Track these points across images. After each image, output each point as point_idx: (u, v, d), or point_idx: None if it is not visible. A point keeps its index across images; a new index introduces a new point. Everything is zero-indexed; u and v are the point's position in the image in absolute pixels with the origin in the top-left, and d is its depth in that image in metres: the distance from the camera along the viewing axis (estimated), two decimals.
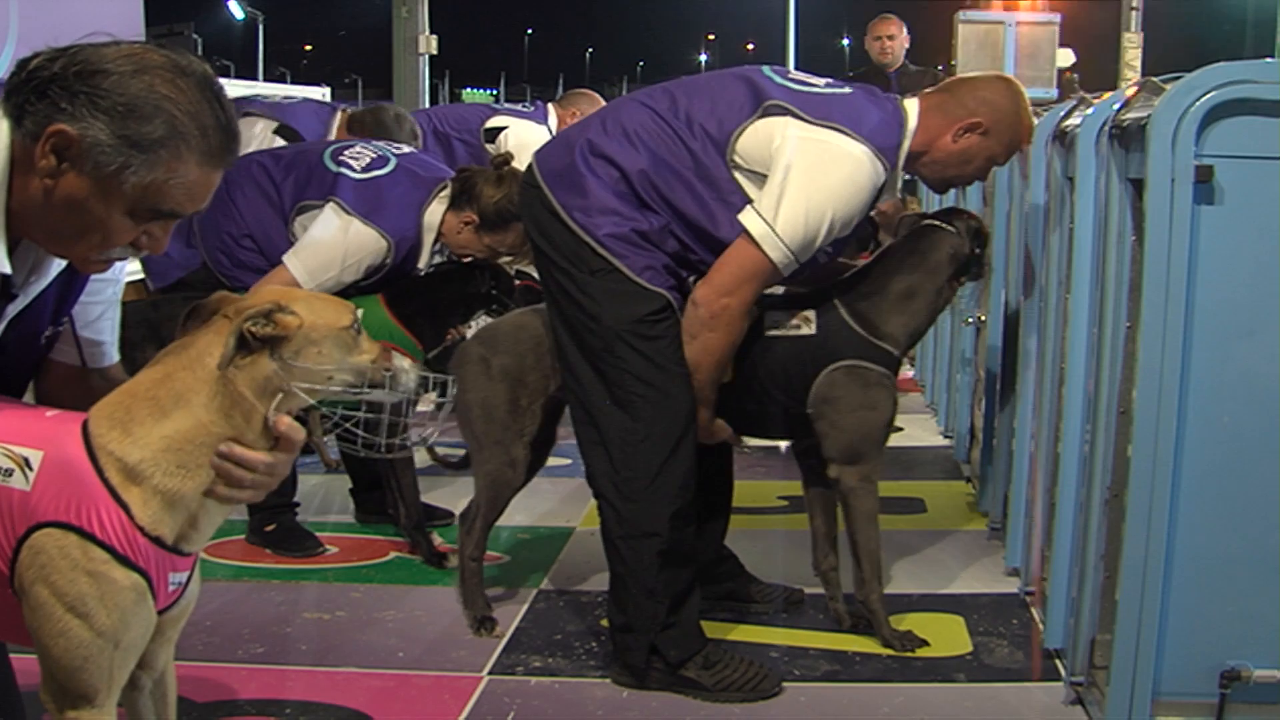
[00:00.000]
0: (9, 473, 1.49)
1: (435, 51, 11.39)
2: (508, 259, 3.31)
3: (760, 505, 3.67)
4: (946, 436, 4.39)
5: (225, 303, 1.58)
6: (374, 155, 3.17)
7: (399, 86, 11.47)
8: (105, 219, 1.43)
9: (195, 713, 2.32)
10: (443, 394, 1.69)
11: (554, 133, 4.81)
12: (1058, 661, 2.50)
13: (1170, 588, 2.10)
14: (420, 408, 2.55)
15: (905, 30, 6.23)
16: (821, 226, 2.39)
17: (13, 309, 1.55)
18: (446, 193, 3.14)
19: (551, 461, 4.27)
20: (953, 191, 3.09)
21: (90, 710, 1.54)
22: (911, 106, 2.56)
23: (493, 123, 4.78)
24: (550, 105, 5.00)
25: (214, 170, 1.47)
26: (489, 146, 4.71)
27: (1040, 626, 2.66)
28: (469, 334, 3.17)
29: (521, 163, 4.66)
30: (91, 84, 1.39)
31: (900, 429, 4.80)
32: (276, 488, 1.61)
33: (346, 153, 3.17)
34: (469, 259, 3.30)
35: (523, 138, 4.70)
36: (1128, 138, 2.18)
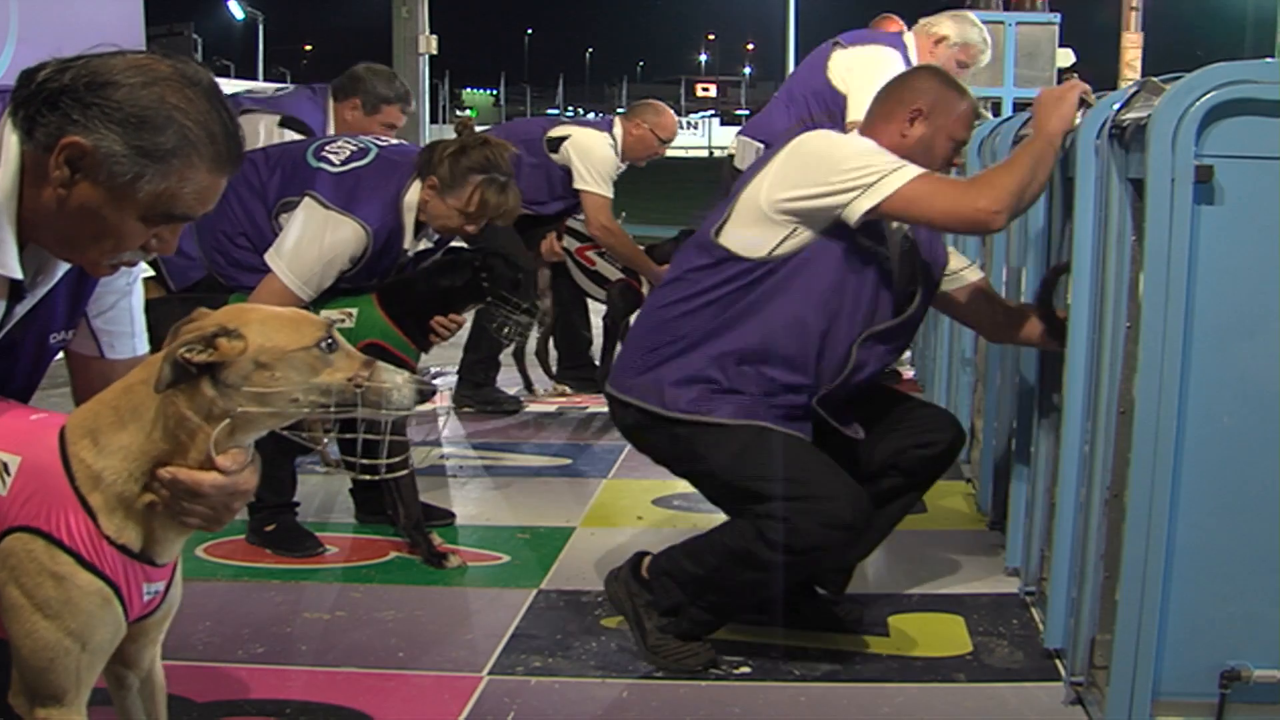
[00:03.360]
0: None
1: (435, 51, 11.40)
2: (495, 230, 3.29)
3: None
4: None
5: (197, 318, 1.56)
6: (354, 149, 3.17)
7: None
8: (118, 225, 1.47)
9: (195, 713, 2.32)
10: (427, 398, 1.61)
11: (618, 144, 4.84)
12: (1058, 661, 2.50)
13: (1170, 588, 2.10)
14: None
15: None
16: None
17: (21, 309, 1.57)
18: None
19: (551, 461, 4.31)
20: None
21: (59, 709, 1.56)
22: (855, 134, 2.66)
23: (555, 132, 4.81)
24: (616, 117, 5.02)
25: (222, 175, 1.51)
26: (552, 155, 4.73)
27: (1040, 626, 2.66)
28: (465, 324, 3.17)
29: (582, 171, 4.72)
30: (103, 95, 1.42)
31: None
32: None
33: (328, 148, 3.18)
34: (461, 248, 3.31)
35: (584, 145, 4.73)
36: (1128, 138, 2.18)
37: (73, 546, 1.51)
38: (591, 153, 4.75)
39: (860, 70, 4.37)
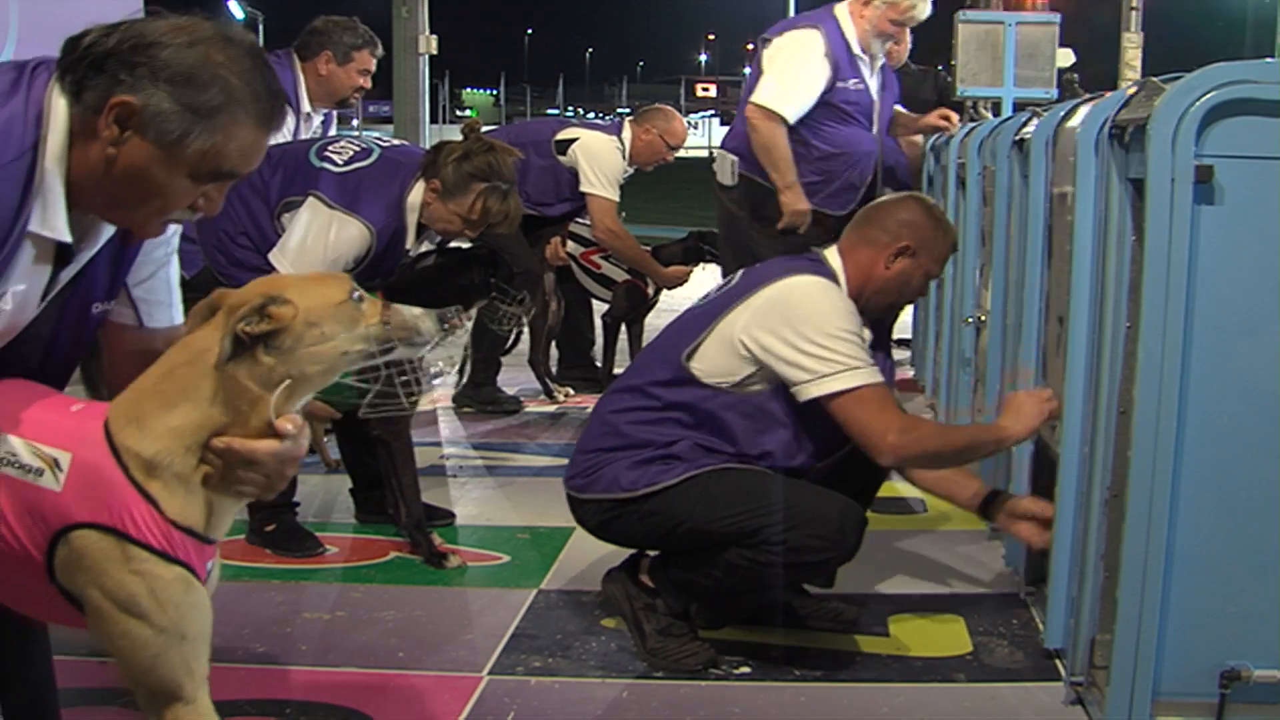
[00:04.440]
0: (39, 472, 1.52)
1: (435, 51, 11.40)
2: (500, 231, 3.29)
3: None
4: None
5: (224, 298, 1.59)
6: (358, 149, 3.17)
7: (399, 86, 11.47)
8: (167, 184, 1.49)
9: None
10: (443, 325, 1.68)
11: (626, 148, 4.84)
12: (1058, 661, 2.50)
13: (1170, 588, 2.10)
14: None
15: (908, 32, 6.24)
16: None
17: (65, 275, 1.59)
18: None
19: (551, 461, 4.30)
20: None
21: (184, 706, 1.58)
22: (833, 255, 2.68)
23: (564, 134, 4.79)
24: (626, 120, 5.00)
25: (266, 132, 1.54)
26: (560, 158, 4.72)
27: (1040, 626, 2.66)
28: (469, 324, 3.17)
29: (588, 174, 4.71)
30: (149, 55, 1.45)
31: None
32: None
33: (331, 148, 3.18)
34: (461, 246, 3.31)
35: (591, 148, 4.72)
36: (1128, 138, 2.18)
37: (142, 538, 1.51)
38: (599, 156, 4.74)
39: (777, 57, 4.31)
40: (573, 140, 4.72)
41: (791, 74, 4.26)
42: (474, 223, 3.11)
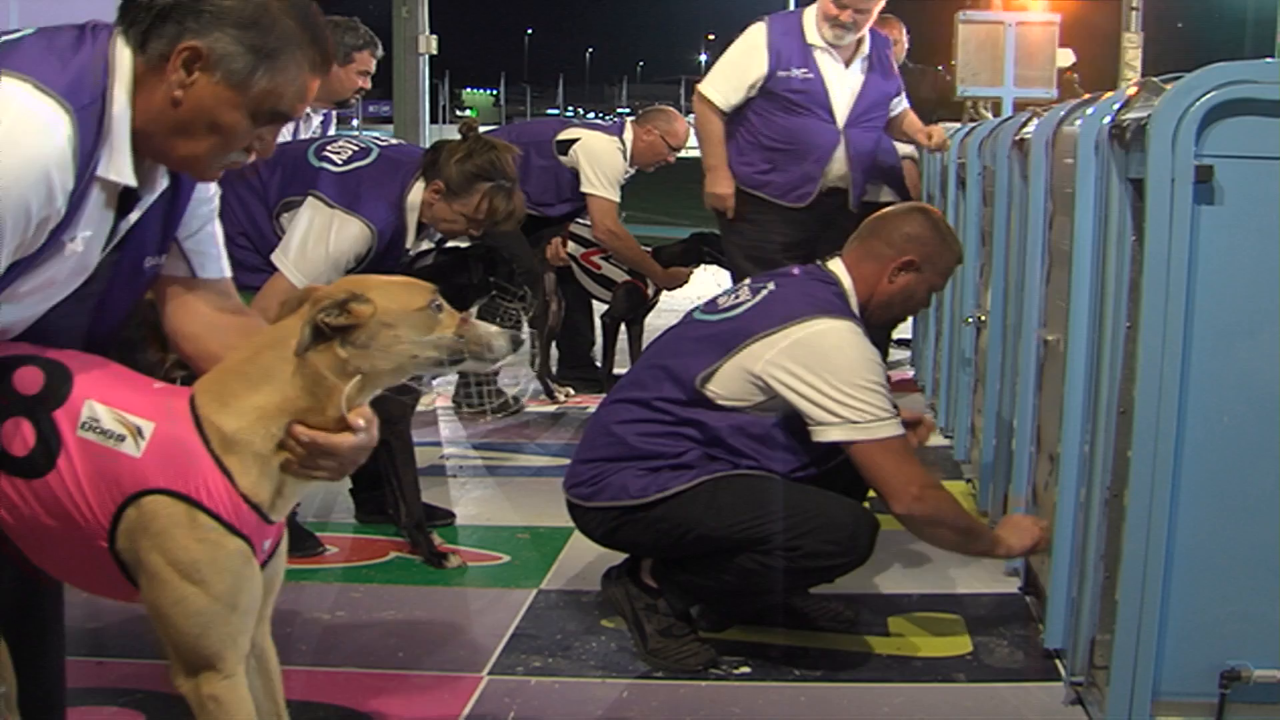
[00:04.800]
0: (120, 438, 1.59)
1: (435, 51, 11.38)
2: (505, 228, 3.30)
3: None
4: (946, 436, 4.39)
5: (313, 292, 1.68)
6: (356, 148, 3.17)
7: (399, 86, 11.46)
8: (230, 123, 1.59)
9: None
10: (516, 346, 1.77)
11: (627, 149, 4.84)
12: (1058, 661, 2.50)
13: (1170, 588, 2.10)
14: None
15: (905, 33, 6.24)
16: None
17: (125, 224, 1.66)
18: None
19: (551, 461, 4.30)
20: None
21: (219, 677, 1.63)
22: (838, 267, 2.68)
23: (566, 134, 4.80)
24: (628, 121, 5.00)
25: (317, 77, 1.64)
26: (562, 158, 4.72)
27: (1040, 626, 2.66)
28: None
29: (589, 175, 4.71)
30: (213, 4, 1.56)
31: None
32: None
33: (329, 148, 3.17)
34: (461, 245, 3.31)
35: (593, 149, 4.72)
36: (1128, 138, 2.18)
37: (213, 508, 1.59)
38: (600, 157, 4.74)
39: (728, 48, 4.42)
40: (574, 140, 4.72)
41: (727, 62, 4.33)
42: (479, 221, 3.11)
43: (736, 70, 4.28)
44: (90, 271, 1.66)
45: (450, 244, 3.42)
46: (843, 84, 4.29)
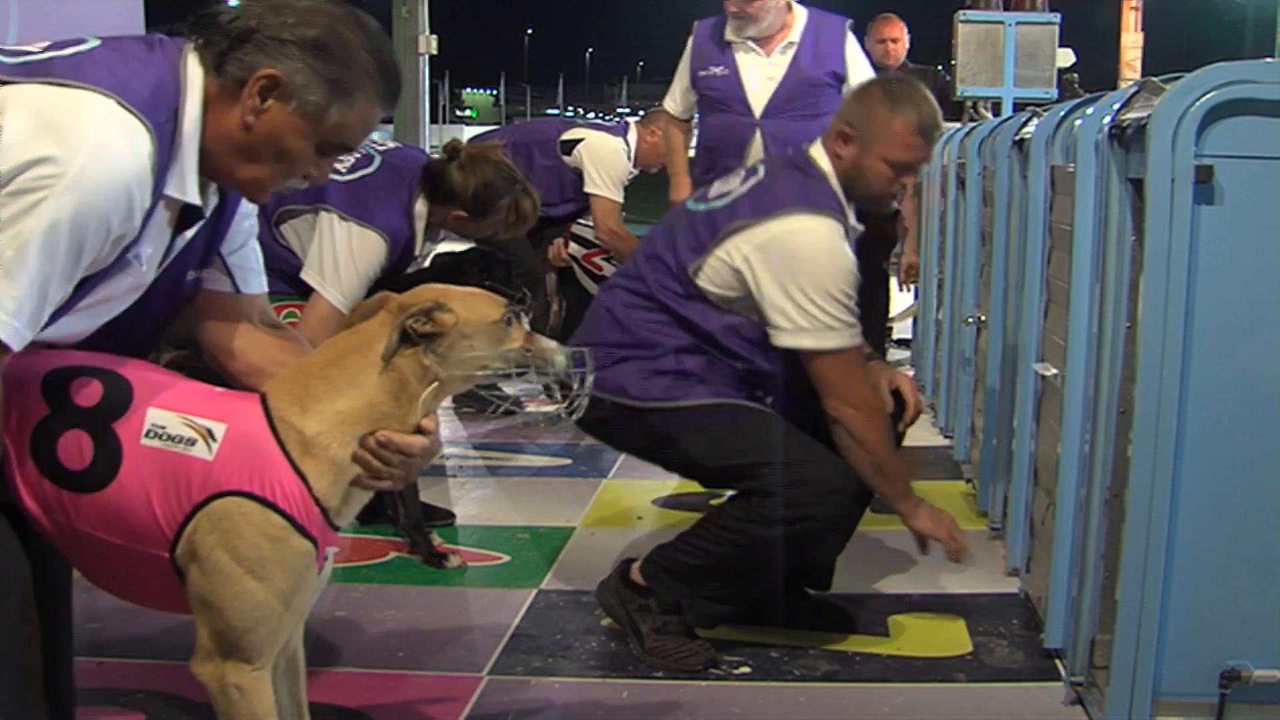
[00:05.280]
0: (191, 442, 1.60)
1: (435, 51, 11.38)
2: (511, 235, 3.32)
3: None
4: (946, 436, 4.39)
5: (388, 300, 1.73)
6: (358, 155, 3.17)
7: None
8: (297, 152, 1.61)
9: (195, 712, 2.31)
10: (582, 364, 1.81)
11: (631, 149, 4.84)
12: (1058, 661, 2.50)
13: (1170, 588, 2.10)
14: None
15: (906, 31, 6.24)
16: None
17: (180, 241, 1.67)
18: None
19: (551, 461, 4.30)
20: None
21: (250, 669, 1.65)
22: (818, 150, 2.63)
23: (569, 135, 4.80)
24: (631, 121, 5.00)
25: (386, 111, 1.68)
26: (565, 158, 4.72)
27: (1041, 626, 2.66)
28: None
29: (593, 175, 4.71)
30: (294, 32, 1.57)
31: None
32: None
33: None
34: (454, 250, 3.32)
35: (596, 149, 4.72)
36: (1128, 138, 2.18)
37: (287, 509, 1.60)
38: (604, 157, 4.74)
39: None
40: (578, 141, 4.72)
41: (678, 71, 4.34)
42: (515, 224, 3.20)
43: (679, 77, 4.29)
44: (146, 287, 1.67)
45: (443, 248, 3.43)
46: (760, 75, 4.17)
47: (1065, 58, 6.93)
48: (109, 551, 1.63)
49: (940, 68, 6.76)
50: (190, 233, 1.68)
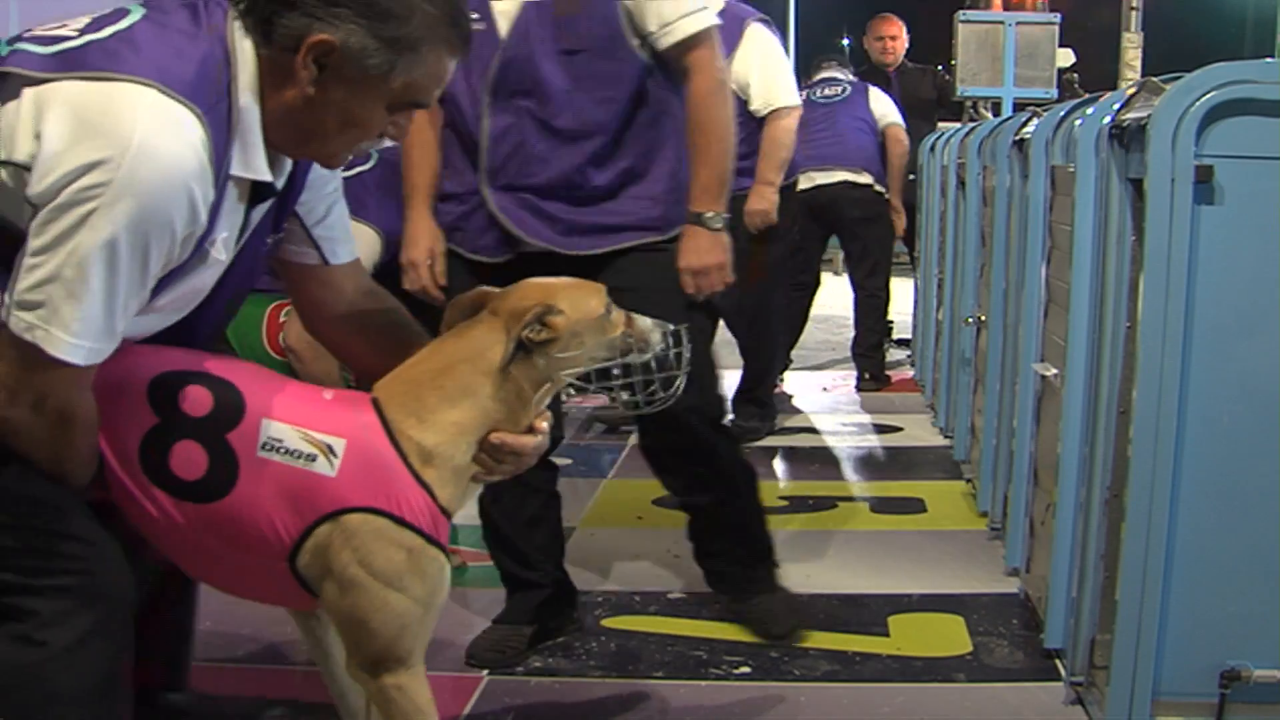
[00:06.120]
0: (311, 457, 1.58)
1: None
2: None
3: None
4: (946, 436, 4.39)
5: (486, 298, 1.71)
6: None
7: None
8: (366, 117, 1.51)
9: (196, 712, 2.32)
10: (678, 343, 1.79)
11: None
12: (1058, 661, 2.50)
13: (1170, 588, 2.10)
14: None
15: (904, 30, 6.25)
16: None
17: (256, 214, 1.61)
18: None
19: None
20: None
21: (406, 671, 1.66)
22: None
23: None
24: None
25: (459, 59, 1.56)
26: None
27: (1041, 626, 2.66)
28: None
29: None
30: None
31: (900, 429, 4.82)
32: None
33: None
34: None
35: None
36: (1128, 138, 2.18)
37: (415, 522, 1.61)
38: None
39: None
40: None
41: None
42: None
43: None
44: (225, 268, 1.61)
45: None
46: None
47: (1065, 58, 6.94)
48: (222, 557, 1.63)
49: (940, 68, 6.76)
50: (264, 207, 1.61)
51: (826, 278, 6.12)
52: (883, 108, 5.48)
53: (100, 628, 1.50)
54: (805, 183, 4.94)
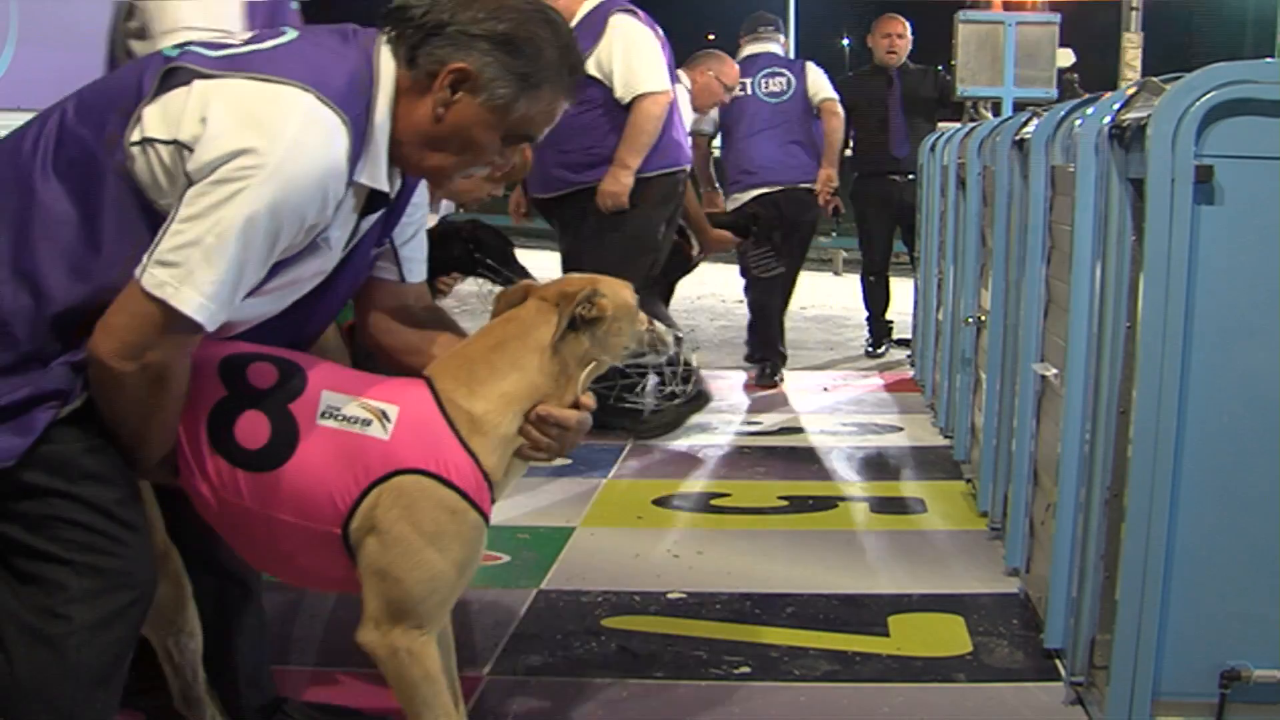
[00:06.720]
0: (366, 423, 1.69)
1: None
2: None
3: (760, 505, 3.67)
4: (946, 436, 4.39)
5: (531, 289, 1.84)
6: None
7: None
8: (483, 142, 1.68)
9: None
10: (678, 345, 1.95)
11: (690, 92, 4.93)
12: (1058, 661, 2.50)
13: (1170, 588, 2.10)
14: None
15: (909, 29, 6.25)
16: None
17: (366, 224, 1.75)
18: None
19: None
20: None
21: (420, 635, 1.74)
22: None
23: None
24: (680, 70, 4.95)
25: (569, 102, 1.73)
26: None
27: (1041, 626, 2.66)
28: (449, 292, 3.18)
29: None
30: (484, 27, 1.63)
31: (900, 429, 4.82)
32: None
33: None
34: (447, 218, 3.32)
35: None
36: (1128, 138, 2.18)
37: (461, 485, 1.70)
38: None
39: None
40: None
41: None
42: (501, 178, 3.19)
43: None
44: (329, 270, 1.74)
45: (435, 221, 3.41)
46: None
47: (1065, 58, 6.93)
48: (278, 530, 1.71)
49: (940, 67, 6.76)
50: (373, 218, 1.75)
51: (826, 277, 6.12)
52: (817, 85, 5.62)
53: (123, 614, 1.61)
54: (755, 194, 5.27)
